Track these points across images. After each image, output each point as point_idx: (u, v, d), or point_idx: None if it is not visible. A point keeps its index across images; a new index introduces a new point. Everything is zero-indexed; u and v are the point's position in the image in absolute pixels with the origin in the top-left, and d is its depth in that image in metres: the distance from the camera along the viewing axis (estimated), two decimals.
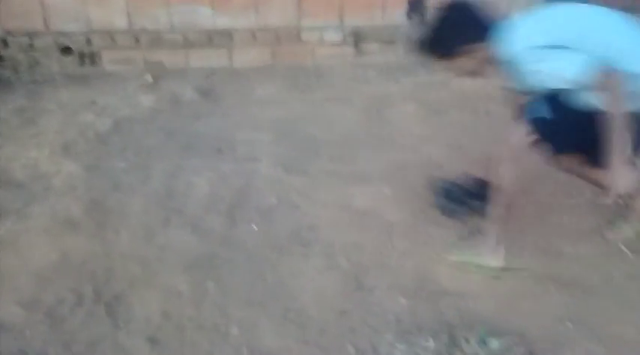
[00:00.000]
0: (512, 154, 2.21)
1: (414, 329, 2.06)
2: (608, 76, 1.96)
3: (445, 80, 3.72)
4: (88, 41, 3.90)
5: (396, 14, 4.09)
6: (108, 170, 2.95)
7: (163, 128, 3.30)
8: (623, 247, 2.44)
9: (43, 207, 2.72)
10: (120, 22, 3.94)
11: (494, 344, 1.96)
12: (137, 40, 3.88)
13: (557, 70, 2.05)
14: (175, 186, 2.85)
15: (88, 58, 3.90)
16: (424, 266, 2.37)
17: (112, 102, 3.51)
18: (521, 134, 2.18)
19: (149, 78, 3.73)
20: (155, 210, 2.69)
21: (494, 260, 2.34)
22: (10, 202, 2.75)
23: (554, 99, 2.11)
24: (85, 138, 3.18)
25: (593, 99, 2.03)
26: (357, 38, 4.14)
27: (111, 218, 2.64)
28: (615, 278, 2.28)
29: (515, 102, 2.36)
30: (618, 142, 1.96)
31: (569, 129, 2.14)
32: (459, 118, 3.37)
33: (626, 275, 2.31)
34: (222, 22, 3.94)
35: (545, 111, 2.14)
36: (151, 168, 2.98)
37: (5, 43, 3.89)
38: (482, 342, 1.97)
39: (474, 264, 2.36)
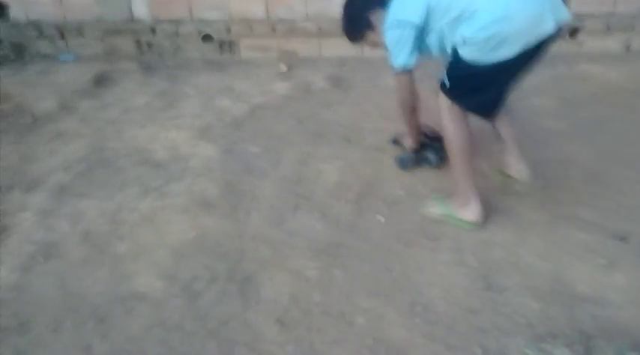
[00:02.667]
0: (449, 115, 2.35)
1: (546, 336, 1.97)
2: None
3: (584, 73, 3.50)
4: (228, 29, 4.07)
5: None
6: (242, 154, 3.07)
7: (295, 115, 3.37)
8: None
9: (181, 187, 2.88)
10: (258, 11, 4.06)
11: None
12: (273, 29, 3.98)
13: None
14: (305, 173, 2.91)
15: (227, 45, 4.06)
16: (559, 269, 2.24)
17: (247, 88, 3.63)
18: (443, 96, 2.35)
19: (283, 66, 3.81)
20: (285, 195, 2.77)
21: (469, 214, 2.49)
22: (151, 180, 2.94)
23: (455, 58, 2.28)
24: (221, 122, 3.31)
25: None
26: None
27: (244, 200, 2.75)
28: None
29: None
30: None
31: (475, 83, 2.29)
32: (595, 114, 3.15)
33: None
34: None
35: (457, 70, 2.29)
36: (281, 153, 3.06)
37: (153, 31, 4.14)
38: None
39: (453, 217, 2.52)
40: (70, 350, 2.09)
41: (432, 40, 2.40)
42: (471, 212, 2.51)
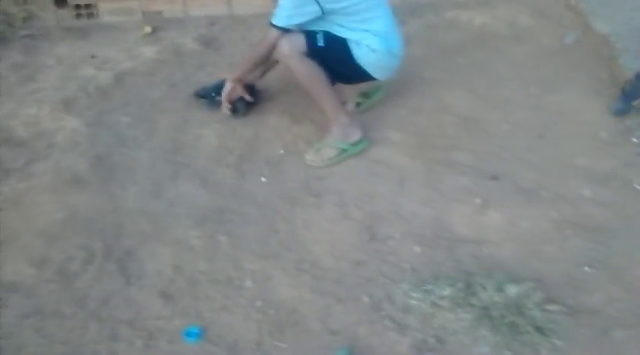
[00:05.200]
0: (299, 59, 2.48)
1: (430, 278, 2.03)
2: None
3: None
4: None
5: None
6: (112, 125, 2.87)
7: (166, 80, 3.20)
8: (638, 187, 2.38)
9: (46, 165, 2.66)
10: None
11: (511, 290, 1.92)
12: None
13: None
14: (182, 139, 2.78)
15: (85, 9, 3.76)
16: (440, 214, 2.32)
17: (112, 55, 3.39)
18: (290, 45, 2.46)
19: (148, 28, 3.60)
20: (162, 165, 2.63)
21: (355, 133, 2.63)
22: (12, 161, 2.69)
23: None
24: (86, 92, 3.08)
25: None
26: None
27: (117, 173, 2.59)
28: (634, 221, 2.23)
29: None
30: None
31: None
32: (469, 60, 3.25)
33: None
34: None
35: (320, 40, 2.49)
36: (156, 121, 2.91)
37: None
38: (500, 289, 1.93)
39: (346, 147, 2.61)
40: None
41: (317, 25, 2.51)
42: (355, 130, 2.63)
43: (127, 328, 1.93)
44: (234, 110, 2.86)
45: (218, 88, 2.88)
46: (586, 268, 2.05)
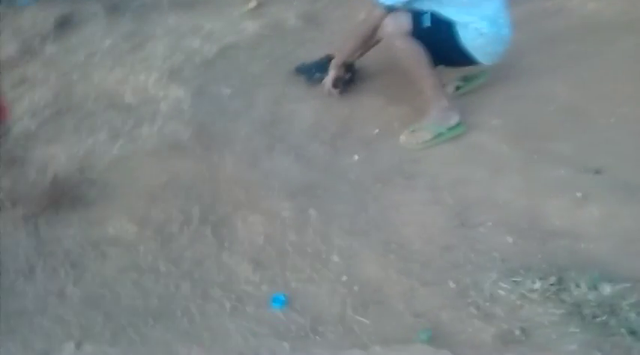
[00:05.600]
0: (402, 39, 2.45)
1: (520, 269, 1.98)
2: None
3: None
4: None
5: None
6: (214, 96, 2.98)
7: (268, 55, 3.27)
8: None
9: (151, 130, 2.80)
10: None
11: (606, 289, 1.84)
12: None
13: None
14: (279, 113, 2.85)
15: None
16: (535, 204, 2.24)
17: (217, 28, 3.50)
18: (395, 24, 2.43)
19: (253, 2, 3.68)
20: (259, 137, 2.71)
21: (453, 118, 2.58)
22: (121, 124, 2.85)
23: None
24: (191, 63, 3.21)
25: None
26: None
27: (217, 143, 2.68)
28: None
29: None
30: None
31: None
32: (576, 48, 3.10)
33: None
34: None
35: (426, 21, 2.45)
36: (255, 94, 2.98)
37: None
38: (594, 286, 1.86)
39: (442, 131, 2.57)
40: (43, 296, 2.07)
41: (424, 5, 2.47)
42: (453, 114, 2.59)
43: (218, 289, 2.03)
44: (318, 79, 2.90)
45: (318, 64, 2.92)
46: None
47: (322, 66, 2.90)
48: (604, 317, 1.77)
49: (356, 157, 2.57)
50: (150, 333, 1.93)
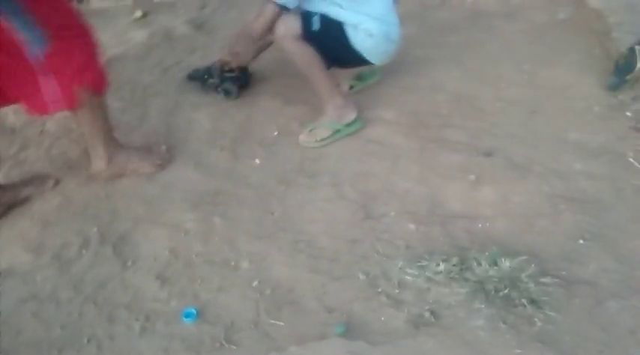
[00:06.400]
0: (293, 41, 2.44)
1: (424, 254, 2.04)
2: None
3: None
4: None
5: None
6: None
7: (158, 64, 3.19)
8: (632, 160, 2.38)
9: (39, 152, 2.66)
10: None
11: (505, 264, 1.93)
12: None
13: None
14: (175, 123, 2.78)
15: None
16: (434, 191, 2.32)
17: (103, 40, 3.37)
18: (286, 28, 2.42)
19: (138, 13, 3.58)
20: (155, 148, 2.62)
21: (350, 114, 2.64)
22: (5, 148, 2.69)
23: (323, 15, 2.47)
24: None
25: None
26: None
27: None
28: (627, 193, 2.23)
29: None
30: None
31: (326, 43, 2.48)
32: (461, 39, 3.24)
33: (637, 189, 2.25)
34: None
35: (315, 24, 2.46)
36: (148, 105, 2.90)
37: None
38: (494, 263, 1.94)
39: (340, 128, 2.62)
40: None
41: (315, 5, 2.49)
42: (350, 110, 2.64)
43: (125, 311, 1.94)
44: (227, 92, 2.85)
45: (210, 70, 2.88)
46: (580, 241, 2.05)
47: (214, 71, 2.86)
48: (506, 291, 1.85)
49: (257, 161, 2.55)
50: None
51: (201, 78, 2.94)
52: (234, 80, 2.84)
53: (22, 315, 1.98)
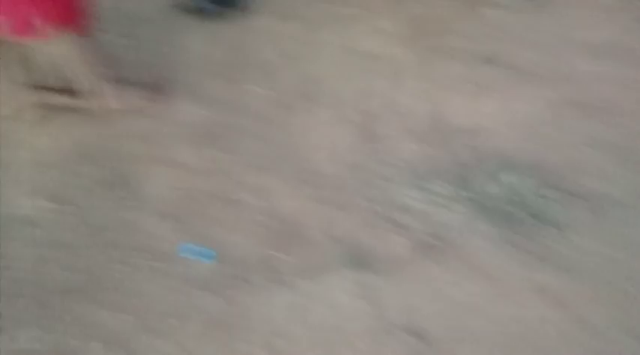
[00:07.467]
0: None
1: (426, 175, 2.03)
2: None
3: None
4: None
5: None
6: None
7: None
8: None
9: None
10: None
11: (507, 179, 1.92)
12: None
13: None
14: (167, 53, 2.70)
15: None
16: (435, 106, 2.28)
17: None
18: None
19: None
20: (151, 81, 2.57)
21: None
22: None
23: None
24: None
25: None
26: None
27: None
28: (636, 94, 2.16)
29: None
30: None
31: None
32: None
33: None
34: None
35: None
36: (136, 36, 2.81)
37: None
38: (494, 178, 1.94)
39: None
40: None
41: None
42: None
43: (134, 253, 1.99)
44: (201, 10, 2.81)
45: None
46: (585, 148, 2.02)
47: None
48: (507, 208, 1.86)
49: (255, 87, 2.50)
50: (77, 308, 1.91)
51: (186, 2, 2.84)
52: None
53: (34, 261, 2.02)
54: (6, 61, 2.35)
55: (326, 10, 2.77)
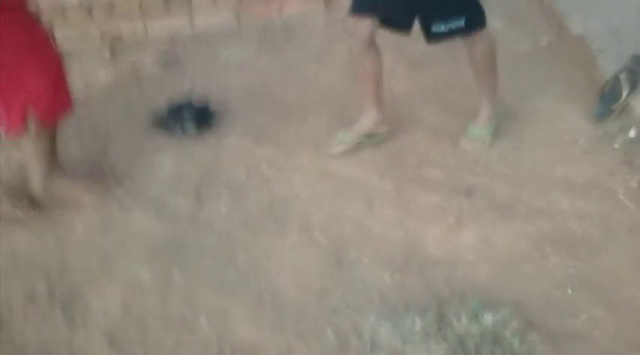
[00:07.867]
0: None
1: (399, 307, 1.86)
2: None
3: None
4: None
5: None
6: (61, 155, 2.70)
7: (124, 106, 3.04)
8: (622, 197, 2.22)
9: None
10: None
11: (487, 318, 1.75)
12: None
13: None
14: (136, 168, 2.61)
15: None
16: (411, 235, 2.15)
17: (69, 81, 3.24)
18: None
19: (107, 52, 3.45)
20: (112, 196, 2.46)
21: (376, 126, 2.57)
22: None
23: None
24: None
25: None
26: None
27: (63, 209, 2.40)
28: (618, 234, 2.07)
29: None
30: None
31: None
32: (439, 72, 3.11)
33: (629, 229, 2.09)
34: None
35: None
36: (108, 149, 2.74)
37: None
38: (475, 317, 1.76)
39: (363, 137, 2.56)
40: None
41: None
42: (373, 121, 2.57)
43: None
44: (184, 130, 2.76)
45: (173, 111, 2.77)
46: (568, 289, 1.89)
47: (177, 113, 2.78)
48: (488, 350, 1.67)
49: (222, 206, 2.38)
50: None
51: (164, 121, 2.81)
52: (190, 117, 2.77)
53: None
54: None
55: (303, 135, 2.74)
